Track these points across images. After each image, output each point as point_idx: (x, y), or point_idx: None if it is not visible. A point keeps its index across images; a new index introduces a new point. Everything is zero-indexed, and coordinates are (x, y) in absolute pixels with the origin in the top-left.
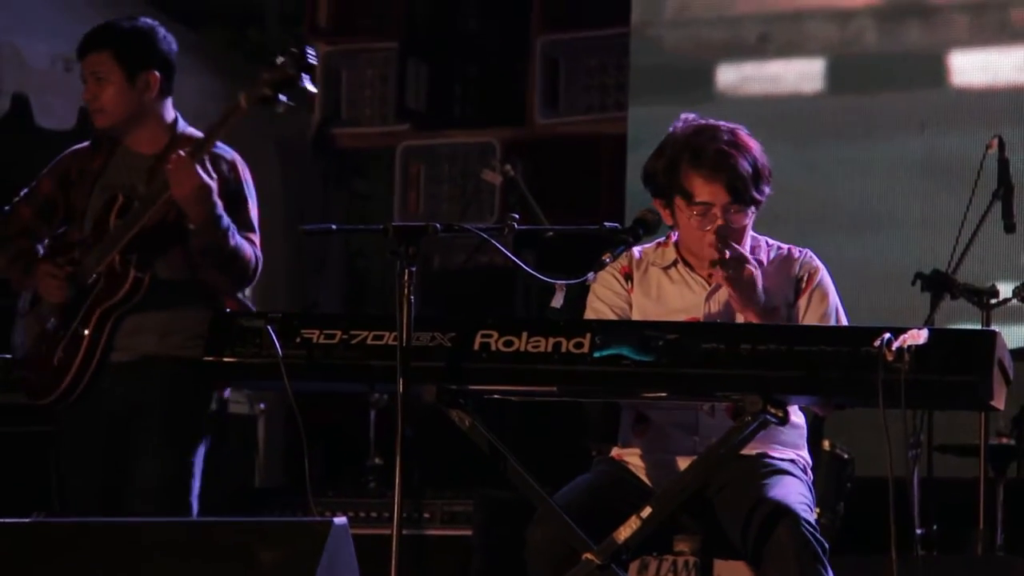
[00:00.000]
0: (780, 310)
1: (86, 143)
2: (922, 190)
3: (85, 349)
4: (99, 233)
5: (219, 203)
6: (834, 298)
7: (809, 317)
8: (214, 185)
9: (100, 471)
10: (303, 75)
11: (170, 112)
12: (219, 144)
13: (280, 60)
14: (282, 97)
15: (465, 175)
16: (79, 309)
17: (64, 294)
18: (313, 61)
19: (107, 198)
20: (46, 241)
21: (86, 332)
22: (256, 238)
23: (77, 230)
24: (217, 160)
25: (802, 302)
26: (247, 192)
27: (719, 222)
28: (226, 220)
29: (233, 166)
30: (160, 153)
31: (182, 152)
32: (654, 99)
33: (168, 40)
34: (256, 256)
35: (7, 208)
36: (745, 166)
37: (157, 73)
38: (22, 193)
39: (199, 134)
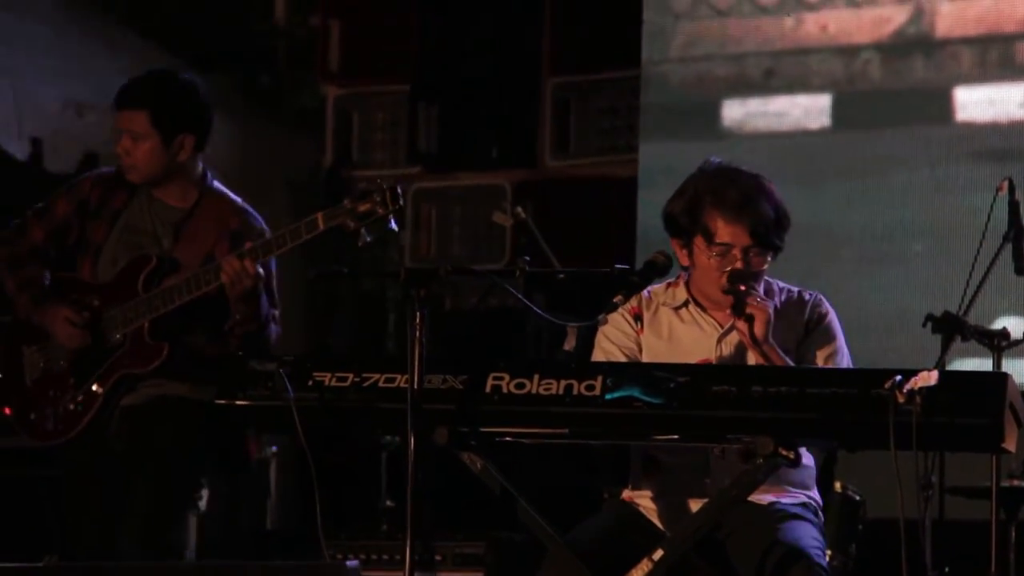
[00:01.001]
0: (791, 352)
1: (110, 170)
2: (930, 226)
3: (99, 406)
4: (123, 289)
5: (264, 298)
6: (841, 342)
7: (815, 359)
8: (262, 284)
9: (105, 511)
10: (391, 216)
11: (199, 165)
12: (252, 212)
13: (369, 193)
14: (364, 232)
15: (476, 217)
16: (97, 365)
17: (80, 342)
18: (402, 202)
19: (137, 256)
20: (50, 273)
21: (102, 391)
22: (278, 312)
23: (89, 263)
24: (251, 232)
25: (809, 344)
26: (272, 264)
27: (738, 263)
28: (265, 309)
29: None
30: (188, 210)
31: (238, 257)
32: (663, 137)
33: (206, 99)
34: (278, 334)
35: (17, 223)
36: (768, 210)
37: (193, 136)
38: (34, 210)
39: (229, 193)
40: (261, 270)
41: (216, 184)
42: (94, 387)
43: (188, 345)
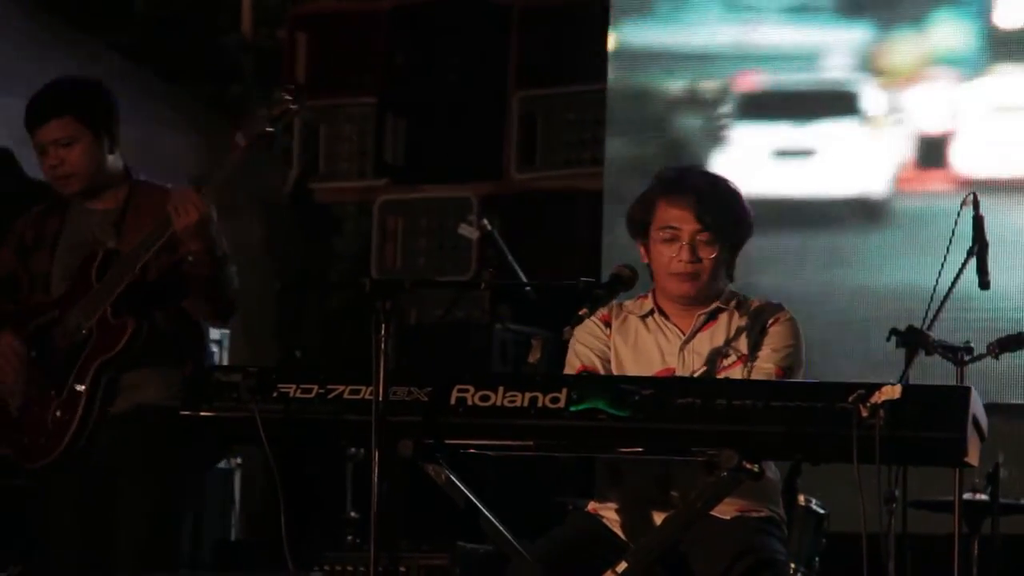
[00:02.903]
0: (746, 358)
1: (35, 209)
2: (894, 244)
3: (84, 406)
4: (79, 290)
5: (217, 234)
6: (793, 342)
7: (763, 352)
8: (214, 216)
9: (87, 524)
10: (304, 107)
11: (120, 163)
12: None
13: (280, 97)
14: (279, 132)
15: (442, 229)
16: (72, 365)
17: (13, 380)
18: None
19: (85, 255)
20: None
21: (83, 388)
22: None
23: (41, 293)
24: None
25: (761, 344)
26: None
27: (685, 250)
28: (221, 250)
29: None
30: (122, 207)
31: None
32: (628, 152)
33: (112, 95)
34: (237, 284)
35: None
36: (715, 197)
37: (112, 132)
38: None
39: (156, 183)
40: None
41: (142, 177)
42: (76, 387)
43: (155, 318)
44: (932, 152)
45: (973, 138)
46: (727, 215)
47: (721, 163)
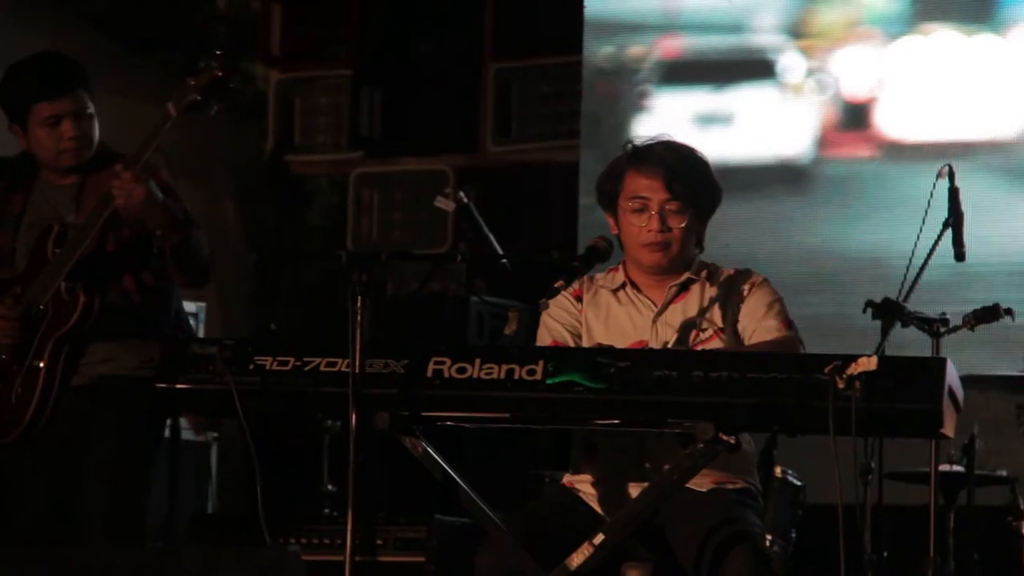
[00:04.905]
0: (727, 329)
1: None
2: (817, 208)
3: (43, 381)
4: (37, 265)
5: (168, 201)
6: (779, 297)
7: (757, 314)
8: (155, 189)
9: (51, 494)
10: (231, 76)
11: None
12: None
13: (205, 64)
14: (213, 102)
15: (418, 202)
16: (31, 342)
17: (15, 336)
18: (236, 59)
19: (41, 229)
20: None
21: (41, 364)
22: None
23: (7, 269)
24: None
25: (747, 311)
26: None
27: (654, 217)
28: (182, 214)
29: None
30: (81, 179)
31: (119, 170)
32: (604, 123)
33: None
34: (206, 242)
35: None
36: (684, 167)
37: None
38: None
39: (113, 152)
40: (149, 183)
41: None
42: (35, 363)
43: (107, 301)
44: (855, 115)
45: (897, 101)
46: (696, 183)
47: (642, 130)
